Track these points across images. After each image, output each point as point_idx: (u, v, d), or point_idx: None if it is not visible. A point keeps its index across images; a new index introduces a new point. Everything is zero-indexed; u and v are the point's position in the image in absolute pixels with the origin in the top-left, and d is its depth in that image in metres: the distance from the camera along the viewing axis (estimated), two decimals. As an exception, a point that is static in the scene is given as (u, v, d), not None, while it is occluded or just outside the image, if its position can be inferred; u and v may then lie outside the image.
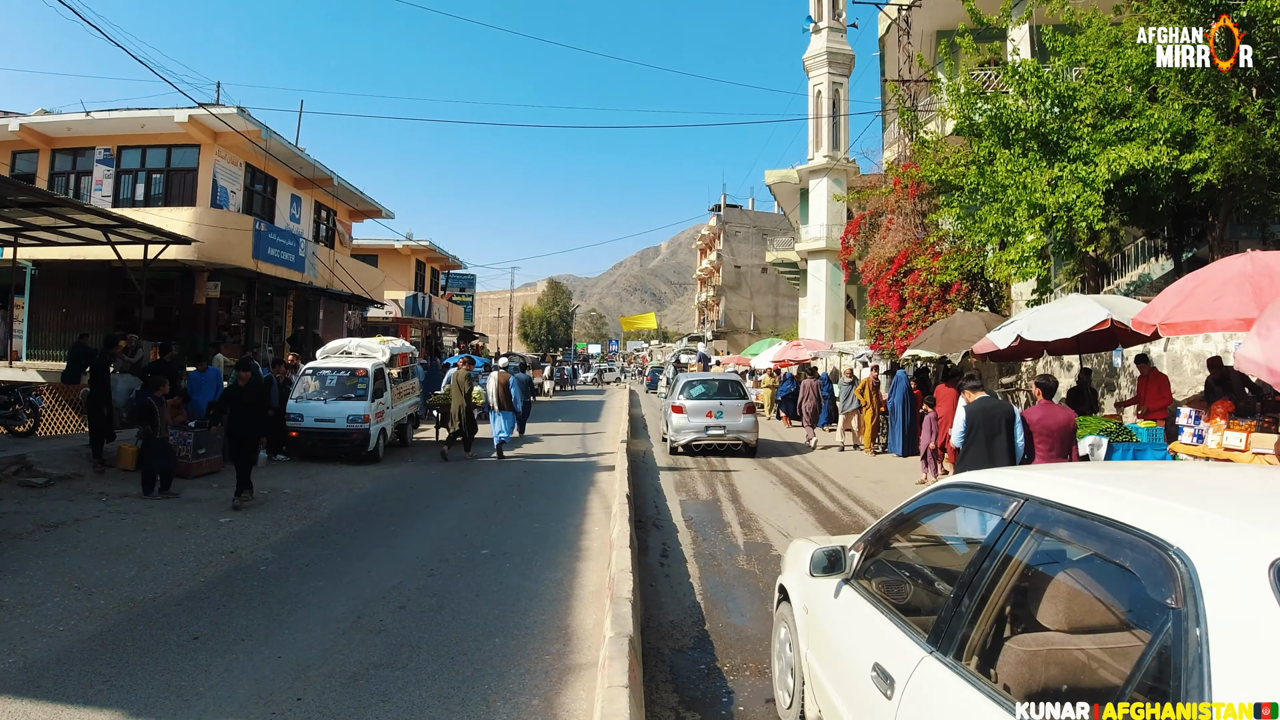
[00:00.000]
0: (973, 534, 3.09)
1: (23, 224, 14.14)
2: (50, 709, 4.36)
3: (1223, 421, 8.62)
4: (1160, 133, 10.90)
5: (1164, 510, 2.13)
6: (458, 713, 4.45)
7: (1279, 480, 2.87)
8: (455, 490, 11.72)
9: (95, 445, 11.63)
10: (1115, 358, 11.08)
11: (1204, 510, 2.09)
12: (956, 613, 2.61)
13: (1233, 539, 1.91)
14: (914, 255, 18.97)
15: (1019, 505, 2.63)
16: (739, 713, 4.56)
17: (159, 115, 19.57)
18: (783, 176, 38.71)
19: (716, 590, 6.96)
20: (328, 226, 28.14)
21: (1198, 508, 2.12)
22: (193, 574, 7.02)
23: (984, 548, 2.69)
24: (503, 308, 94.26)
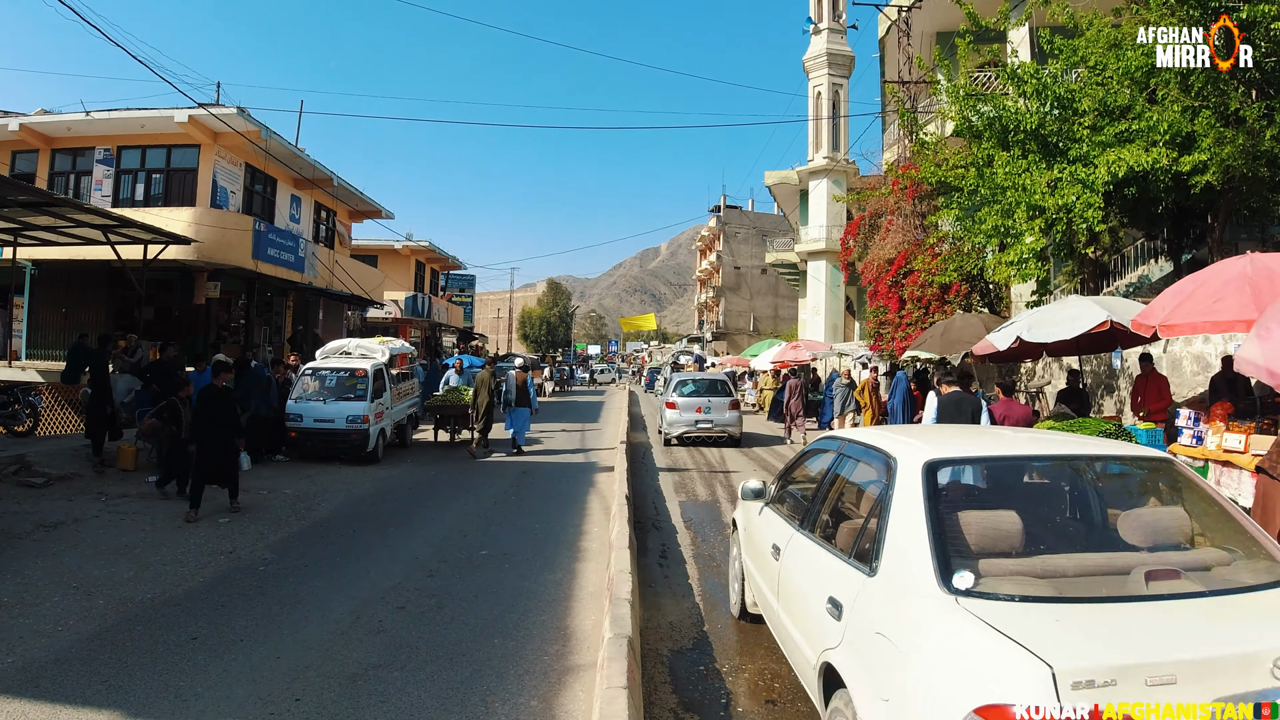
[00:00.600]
0: (826, 465, 4.85)
1: (22, 224, 14.15)
2: (48, 709, 4.36)
3: (1222, 424, 8.62)
4: (1160, 135, 10.91)
5: (894, 441, 4.07)
6: (456, 713, 4.45)
7: (966, 433, 5.42)
8: (455, 491, 11.72)
9: (95, 445, 11.62)
10: (1114, 359, 11.08)
11: (910, 441, 4.00)
12: (811, 507, 4.65)
13: (914, 452, 3.73)
14: (913, 256, 18.98)
15: (843, 444, 4.78)
16: (738, 714, 4.55)
17: (159, 115, 19.56)
18: (782, 178, 38.74)
19: (716, 591, 6.95)
20: (327, 227, 28.14)
21: (910, 441, 4.01)
22: (191, 574, 7.02)
23: (826, 469, 4.77)
24: (502, 308, 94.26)
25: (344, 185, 26.54)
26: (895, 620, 3.05)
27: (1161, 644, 2.60)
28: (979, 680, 2.49)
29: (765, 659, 5.30)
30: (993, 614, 2.71)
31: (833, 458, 4.74)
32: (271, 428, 13.45)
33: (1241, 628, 2.76)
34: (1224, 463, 8.34)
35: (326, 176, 25.21)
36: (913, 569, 3.12)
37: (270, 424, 13.37)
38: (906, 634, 2.94)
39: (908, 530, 3.29)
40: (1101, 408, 13.54)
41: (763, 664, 5.23)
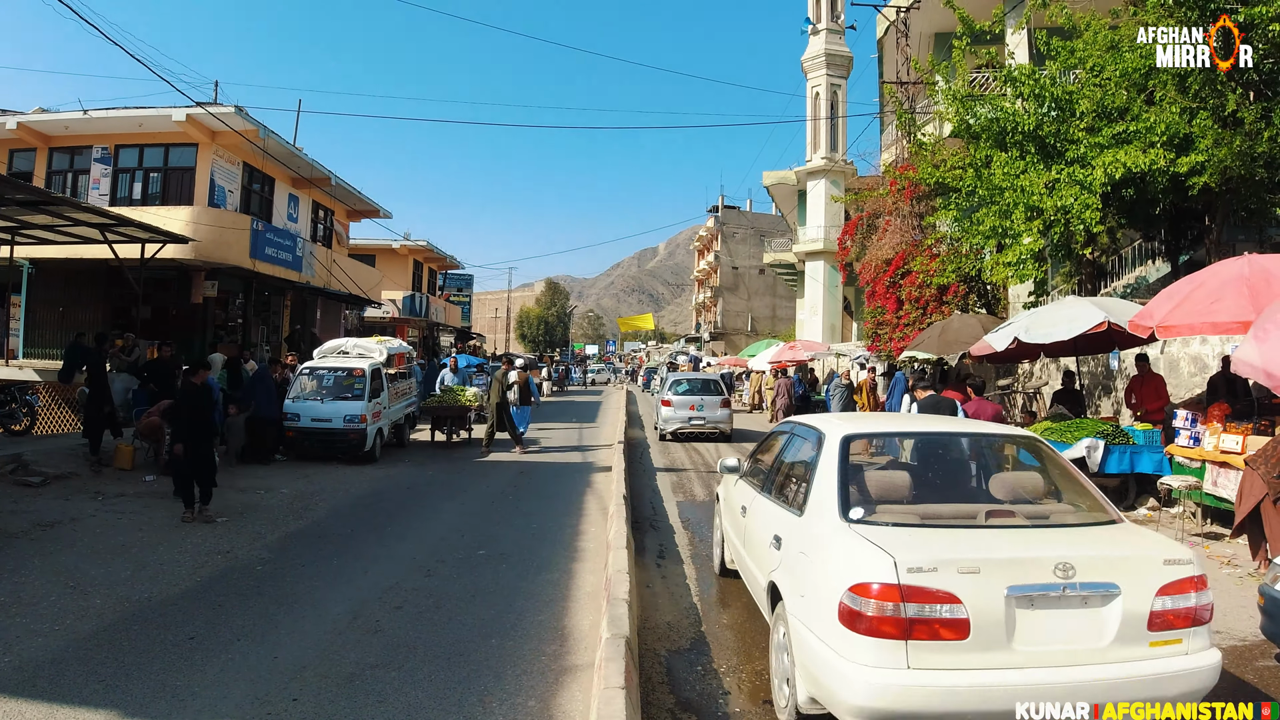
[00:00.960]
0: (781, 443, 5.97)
1: (20, 222, 14.13)
2: (45, 709, 4.35)
3: (1219, 425, 8.64)
4: (1157, 136, 10.92)
5: (825, 421, 5.32)
6: (453, 714, 4.44)
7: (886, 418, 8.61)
8: (452, 491, 11.71)
9: (92, 444, 11.61)
10: (1112, 360, 11.11)
11: (836, 422, 5.30)
12: (768, 475, 5.73)
13: (836, 429, 4.84)
14: (911, 257, 19.02)
15: (793, 427, 5.89)
16: (735, 714, 4.56)
17: (157, 114, 19.53)
18: (780, 178, 38.76)
19: (713, 592, 6.96)
20: (325, 226, 28.11)
21: (836, 422, 5.33)
22: (189, 574, 7.01)
23: (781, 446, 5.90)
24: (500, 308, 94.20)
25: (342, 184, 26.52)
26: (811, 542, 4.32)
27: (975, 550, 3.78)
28: (853, 570, 3.70)
29: (762, 659, 5.30)
30: (870, 533, 3.96)
31: (786, 437, 5.95)
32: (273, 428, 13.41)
33: (1040, 545, 3.94)
34: (1221, 464, 8.37)
35: (324, 176, 25.19)
36: (826, 508, 4.36)
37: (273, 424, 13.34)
38: (816, 549, 4.23)
39: (826, 483, 4.49)
40: (1099, 408, 13.56)
41: (760, 664, 5.22)
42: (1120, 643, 3.64)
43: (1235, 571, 7.42)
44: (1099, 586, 3.66)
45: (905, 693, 3.49)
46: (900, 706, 3.50)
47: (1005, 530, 4.21)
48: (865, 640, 3.57)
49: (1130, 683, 3.60)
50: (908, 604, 3.53)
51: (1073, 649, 3.64)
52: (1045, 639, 3.62)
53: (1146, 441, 10.04)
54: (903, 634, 3.52)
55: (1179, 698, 3.65)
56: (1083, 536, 4.14)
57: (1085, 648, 3.65)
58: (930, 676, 3.50)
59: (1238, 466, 7.93)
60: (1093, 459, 9.90)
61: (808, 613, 4.05)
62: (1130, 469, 9.99)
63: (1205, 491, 8.63)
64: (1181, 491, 8.86)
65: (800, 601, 4.17)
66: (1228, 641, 5.66)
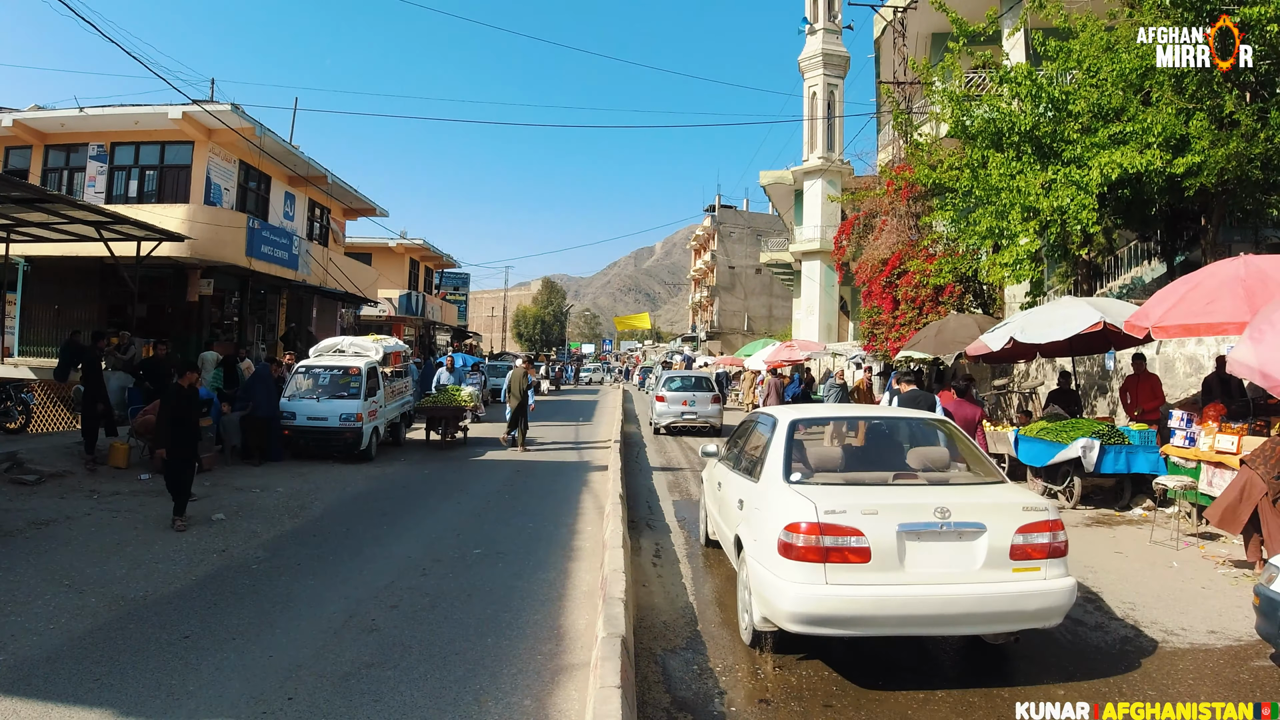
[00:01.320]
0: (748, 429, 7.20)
1: (15, 220, 14.09)
2: (40, 707, 4.34)
3: (1215, 425, 8.65)
4: (1154, 137, 10.94)
5: (780, 410, 6.65)
6: (449, 713, 4.44)
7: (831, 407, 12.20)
8: (448, 490, 11.70)
9: (87, 442, 11.58)
10: (1108, 360, 11.12)
11: (787, 409, 6.72)
12: (740, 455, 6.81)
13: (786, 415, 6.10)
14: (908, 257, 19.02)
15: (757, 416, 7.15)
16: (731, 713, 4.56)
17: (153, 112, 19.51)
18: (777, 178, 38.74)
19: (709, 591, 6.96)
20: (321, 224, 28.08)
21: (788, 409, 6.75)
22: (184, 572, 7.00)
23: (748, 432, 7.06)
24: (497, 307, 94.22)
25: (338, 182, 26.52)
26: (762, 499, 5.55)
27: (876, 498, 5.06)
28: (788, 514, 4.93)
29: (762, 663, 5.30)
30: (803, 489, 5.20)
31: (752, 425, 7.21)
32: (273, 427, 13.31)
33: (927, 495, 5.15)
34: (1216, 464, 8.38)
35: (321, 174, 25.16)
36: (773, 473, 5.58)
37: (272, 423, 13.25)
38: (765, 504, 5.43)
39: (775, 455, 5.72)
40: (1094, 408, 13.59)
41: (757, 663, 5.23)
42: (988, 568, 4.79)
43: (1231, 572, 7.44)
44: (969, 525, 4.83)
45: (823, 601, 4.71)
46: (819, 611, 4.72)
47: (904, 486, 5.47)
48: (795, 565, 4.79)
49: (996, 598, 4.77)
50: (825, 537, 4.74)
51: (950, 571, 4.80)
52: (928, 563, 4.79)
53: (1142, 442, 10.06)
54: (822, 559, 4.74)
55: (1038, 612, 4.82)
56: (964, 491, 5.45)
57: (960, 571, 4.80)
58: (841, 590, 4.71)
59: (1233, 467, 7.94)
60: (1088, 459, 9.92)
61: (758, 551, 5.28)
62: (1126, 469, 10.02)
63: (1201, 492, 8.64)
64: (1177, 492, 8.87)
65: (754, 544, 5.42)
66: (1223, 641, 5.68)
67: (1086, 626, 5.99)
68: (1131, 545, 8.58)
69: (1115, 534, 9.15)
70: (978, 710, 4.56)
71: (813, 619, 4.74)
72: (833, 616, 4.74)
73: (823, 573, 4.71)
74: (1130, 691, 4.78)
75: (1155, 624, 6.04)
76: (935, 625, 4.93)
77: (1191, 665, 5.26)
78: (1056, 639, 5.67)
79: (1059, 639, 5.67)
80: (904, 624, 4.84)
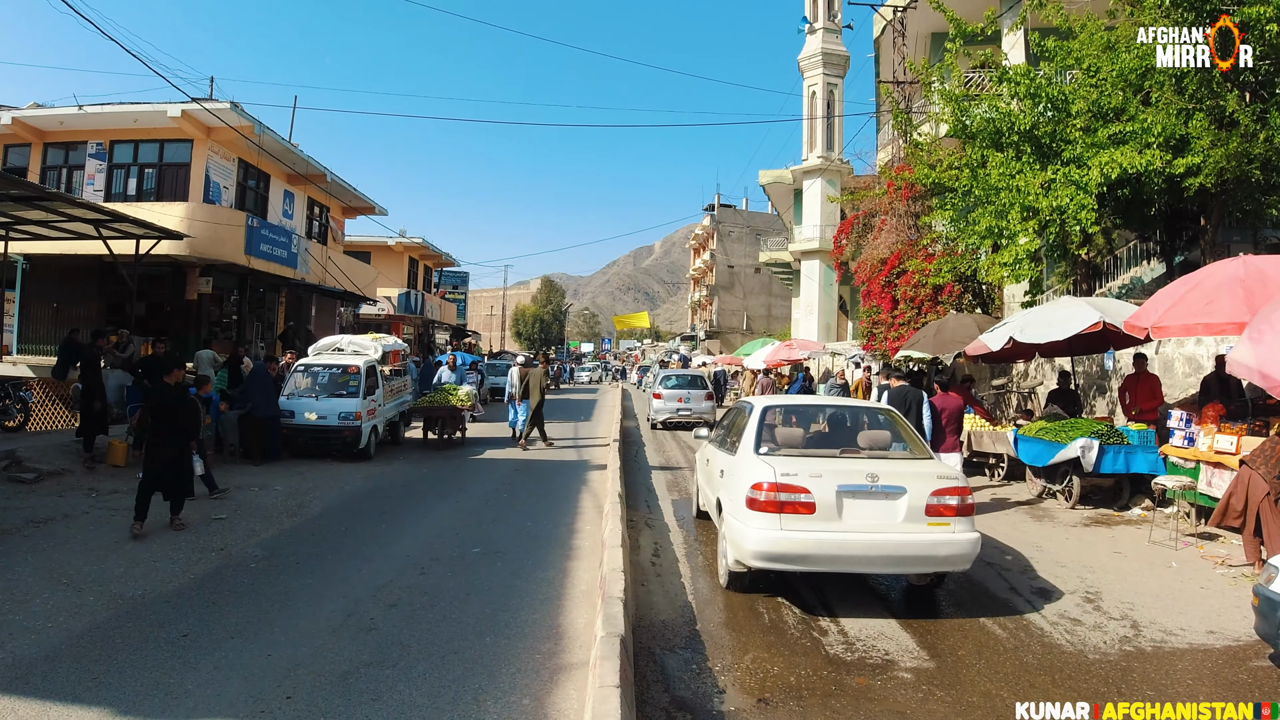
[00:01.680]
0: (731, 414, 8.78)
1: (14, 218, 14.07)
2: (38, 706, 4.33)
3: (1214, 425, 8.66)
4: (1153, 137, 10.94)
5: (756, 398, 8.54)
6: (448, 712, 4.44)
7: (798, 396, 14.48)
8: (447, 488, 11.70)
9: (86, 441, 11.57)
10: (1107, 360, 11.13)
11: (762, 397, 9.35)
12: (724, 435, 8.22)
13: (760, 403, 7.69)
14: (907, 257, 19.03)
15: (738, 403, 9.38)
16: (730, 713, 4.55)
17: (152, 110, 19.51)
18: (777, 177, 38.73)
19: (708, 590, 6.96)
20: (320, 223, 28.07)
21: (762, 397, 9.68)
22: (182, 571, 7.00)
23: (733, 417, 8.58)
24: (496, 306, 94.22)
25: (337, 181, 26.50)
26: (736, 467, 6.88)
27: (821, 466, 6.33)
28: (753, 476, 6.26)
29: (757, 654, 5.30)
30: (767, 459, 6.53)
31: (735, 411, 8.81)
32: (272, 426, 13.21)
33: (862, 464, 6.45)
34: (1215, 464, 8.39)
35: (320, 172, 25.15)
36: (746, 447, 6.94)
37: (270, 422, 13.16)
38: (739, 470, 6.74)
39: (748, 434, 7.10)
40: (1093, 408, 13.59)
41: (754, 663, 5.22)
42: (908, 522, 6.10)
43: (1230, 572, 7.44)
44: (893, 488, 6.16)
45: (777, 543, 6.06)
46: (774, 550, 6.09)
47: (847, 458, 6.78)
48: (758, 514, 6.15)
49: (913, 545, 6.09)
50: (780, 493, 6.10)
51: (877, 523, 6.13)
52: (860, 516, 6.12)
53: (1141, 442, 10.07)
54: (778, 510, 6.10)
55: (948, 559, 6.15)
56: (894, 463, 6.69)
57: (885, 523, 6.13)
58: (792, 534, 6.06)
59: (1232, 467, 7.95)
60: (1087, 459, 9.93)
61: (732, 507, 6.62)
62: (1125, 469, 10.03)
63: (1200, 492, 8.65)
64: (1176, 492, 8.88)
65: (730, 503, 6.77)
66: (1222, 642, 5.68)
67: (1085, 626, 5.99)
68: (1130, 545, 8.59)
69: (1114, 534, 9.16)
70: (977, 710, 4.56)
71: (770, 556, 6.13)
72: (785, 554, 6.09)
73: (778, 521, 6.08)
74: (1129, 691, 4.78)
75: (1154, 624, 6.04)
76: (865, 565, 6.27)
77: (1190, 665, 5.27)
78: (1056, 638, 5.67)
79: (1058, 638, 5.68)
80: (839, 563, 6.16)
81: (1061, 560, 7.94)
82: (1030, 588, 7.01)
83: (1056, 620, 6.13)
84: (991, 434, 12.57)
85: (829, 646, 5.53)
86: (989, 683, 4.94)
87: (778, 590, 6.76)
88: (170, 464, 8.45)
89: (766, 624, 6.04)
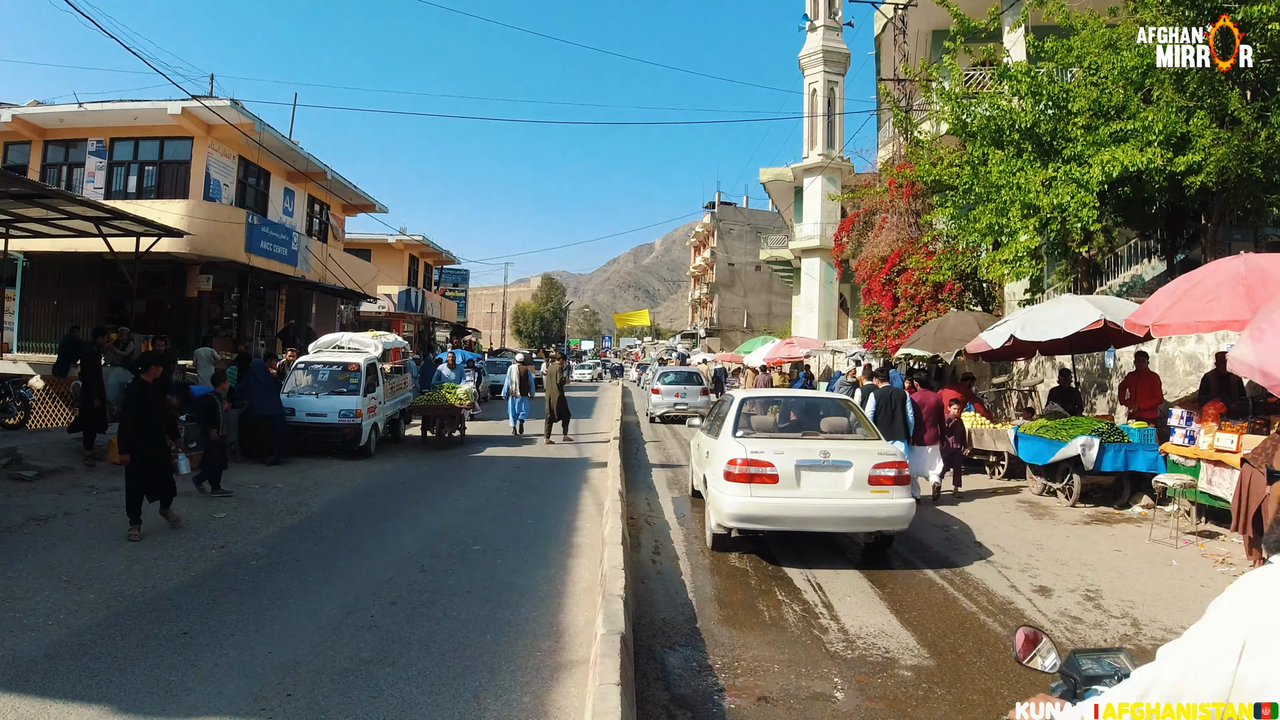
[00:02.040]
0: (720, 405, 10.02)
1: (14, 215, 14.08)
2: (38, 704, 4.33)
3: (1214, 423, 8.65)
4: (1155, 135, 10.93)
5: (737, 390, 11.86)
6: (448, 709, 4.44)
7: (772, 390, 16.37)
8: (447, 486, 11.71)
9: (86, 438, 11.57)
10: (1108, 358, 11.13)
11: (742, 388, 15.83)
12: (711, 423, 9.57)
13: (739, 395, 9.25)
14: (907, 254, 19.02)
15: (724, 396, 11.18)
16: (730, 710, 4.55)
17: (152, 107, 19.50)
18: (777, 174, 38.67)
19: (709, 588, 6.96)
20: (321, 220, 28.06)
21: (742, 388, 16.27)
22: (183, 568, 7.00)
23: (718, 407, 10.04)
24: (496, 303, 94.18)
25: (337, 179, 26.49)
26: (718, 448, 8.06)
27: (784, 445, 7.66)
28: (730, 454, 7.59)
29: (757, 652, 5.30)
30: (742, 440, 7.83)
31: (721, 401, 10.39)
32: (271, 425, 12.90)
33: (818, 444, 7.74)
34: (1216, 462, 8.38)
35: (320, 170, 25.14)
36: (726, 431, 8.16)
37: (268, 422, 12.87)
38: (719, 450, 7.95)
39: (728, 420, 8.39)
40: (1094, 406, 13.59)
41: (755, 660, 5.22)
42: (854, 489, 7.43)
43: (1230, 570, 7.44)
44: (842, 462, 7.49)
45: (747, 506, 7.38)
46: (745, 512, 7.40)
47: (807, 439, 8.11)
48: (733, 485, 7.46)
49: (857, 508, 7.43)
50: (750, 467, 7.41)
51: (830, 490, 7.45)
52: (816, 485, 7.45)
53: (1141, 440, 10.07)
54: (748, 481, 7.40)
55: (887, 519, 7.49)
56: (845, 442, 7.99)
57: (836, 490, 7.45)
58: (760, 500, 7.38)
59: (1232, 465, 7.94)
60: (1087, 457, 9.93)
61: (714, 479, 7.95)
62: (1125, 467, 10.02)
63: (1200, 490, 8.65)
64: (1176, 490, 8.88)
65: (712, 477, 8.08)
66: (1221, 639, 5.66)
67: (1085, 624, 5.99)
68: (1130, 543, 8.59)
69: (1114, 532, 9.16)
70: (977, 709, 4.56)
71: (742, 518, 7.46)
72: (754, 516, 7.43)
73: (749, 490, 7.39)
74: (1129, 689, 4.77)
75: (1154, 622, 6.05)
76: (819, 525, 7.65)
77: (1190, 663, 5.25)
78: (1056, 636, 5.67)
79: (1059, 636, 5.68)
80: (798, 523, 7.57)
81: (1062, 558, 7.94)
82: (1030, 585, 7.01)
83: (1057, 618, 6.13)
84: (992, 432, 12.57)
85: (830, 645, 5.53)
86: (989, 680, 4.93)
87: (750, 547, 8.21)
88: (155, 464, 8.18)
89: (767, 621, 6.04)
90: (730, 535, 7.98)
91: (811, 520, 7.48)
